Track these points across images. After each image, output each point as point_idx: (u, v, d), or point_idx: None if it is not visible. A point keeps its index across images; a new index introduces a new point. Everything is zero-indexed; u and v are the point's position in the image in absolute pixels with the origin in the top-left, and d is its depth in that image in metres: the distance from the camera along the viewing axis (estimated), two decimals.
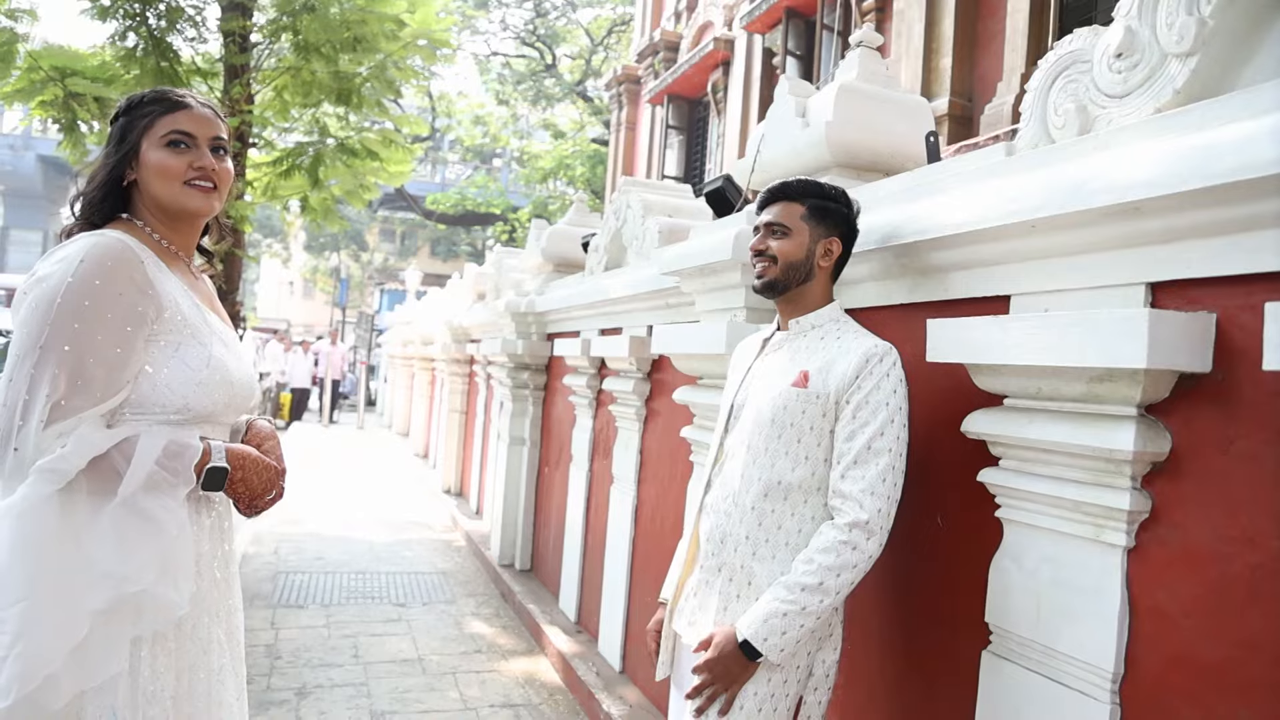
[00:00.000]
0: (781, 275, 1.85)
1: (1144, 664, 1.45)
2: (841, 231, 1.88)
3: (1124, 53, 1.59)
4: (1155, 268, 1.46)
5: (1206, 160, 1.30)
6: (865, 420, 1.71)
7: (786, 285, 1.86)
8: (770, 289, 1.87)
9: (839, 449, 1.74)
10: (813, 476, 1.77)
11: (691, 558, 1.96)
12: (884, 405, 1.71)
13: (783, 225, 1.86)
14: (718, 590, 1.82)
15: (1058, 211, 1.52)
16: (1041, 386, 1.59)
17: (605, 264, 4.43)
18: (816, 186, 1.88)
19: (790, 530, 1.77)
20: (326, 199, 8.38)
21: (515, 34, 27.07)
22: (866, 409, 1.72)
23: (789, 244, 1.85)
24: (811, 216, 1.86)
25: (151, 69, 7.30)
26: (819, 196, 1.87)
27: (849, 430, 1.73)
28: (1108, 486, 1.50)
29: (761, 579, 1.76)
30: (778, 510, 1.77)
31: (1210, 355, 1.39)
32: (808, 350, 1.83)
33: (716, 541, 1.85)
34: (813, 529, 1.76)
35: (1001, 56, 7.61)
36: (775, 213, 1.88)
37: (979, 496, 1.79)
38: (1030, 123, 1.81)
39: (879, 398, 1.72)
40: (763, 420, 1.80)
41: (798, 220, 1.85)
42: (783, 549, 1.76)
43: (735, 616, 1.76)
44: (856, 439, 1.71)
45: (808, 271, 1.86)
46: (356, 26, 7.62)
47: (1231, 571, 1.34)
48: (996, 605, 1.72)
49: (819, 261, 1.86)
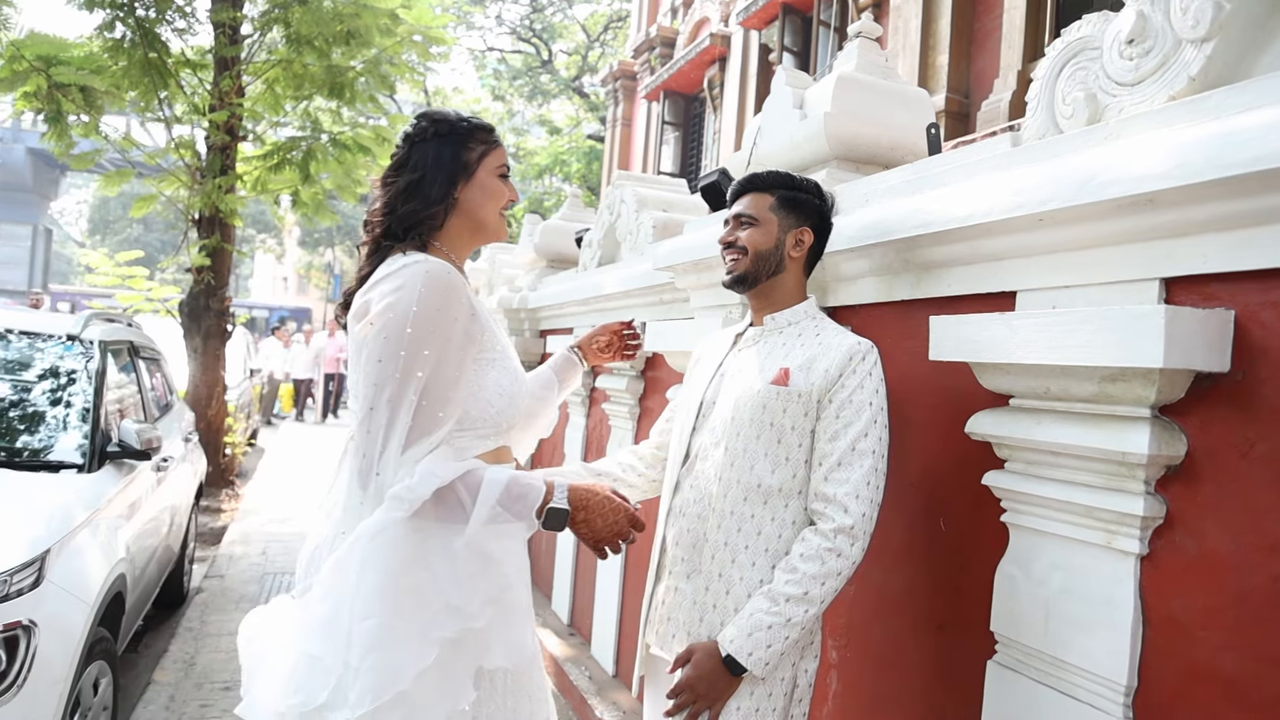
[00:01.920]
0: (751, 267, 1.79)
1: (1158, 678, 1.38)
2: (813, 222, 1.82)
3: (1136, 39, 1.53)
4: (1170, 263, 1.39)
5: (1224, 150, 1.23)
6: (849, 420, 1.64)
7: (757, 278, 1.80)
8: (740, 283, 1.81)
9: (821, 450, 1.66)
10: (794, 479, 1.69)
11: (657, 565, 1.86)
12: (867, 405, 1.65)
13: (751, 216, 1.80)
14: (691, 599, 1.73)
15: (1067, 204, 1.46)
16: (1050, 386, 1.53)
17: (599, 259, 4.36)
18: (786, 177, 1.83)
19: (770, 536, 1.69)
20: (317, 193, 8.30)
21: (511, 29, 26.95)
22: (850, 409, 1.65)
23: (758, 234, 1.79)
24: (781, 207, 1.80)
25: (139, 60, 7.21)
26: (788, 187, 1.81)
27: (832, 430, 1.65)
28: (1120, 491, 1.43)
29: (740, 588, 1.67)
30: (758, 515, 1.70)
31: (1229, 354, 1.32)
32: (785, 347, 1.76)
33: (688, 547, 1.76)
34: (793, 534, 1.68)
35: (998, 53, 7.56)
36: (744, 204, 1.83)
37: (984, 500, 1.72)
38: (1037, 112, 1.74)
39: (862, 397, 1.65)
40: (741, 420, 1.72)
41: (766, 211, 1.80)
42: (762, 555, 1.68)
43: (712, 628, 1.68)
44: (840, 440, 1.64)
45: (778, 263, 1.79)
46: (350, 20, 7.52)
47: (1251, 582, 1.27)
48: (1003, 614, 1.65)
49: (789, 252, 1.80)
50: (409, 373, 1.41)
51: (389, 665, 1.36)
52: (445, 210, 1.61)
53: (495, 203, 1.66)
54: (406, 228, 1.58)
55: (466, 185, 1.62)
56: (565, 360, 2.10)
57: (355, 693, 1.34)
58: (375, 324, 1.44)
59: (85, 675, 2.78)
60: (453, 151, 1.61)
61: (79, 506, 3.03)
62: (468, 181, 1.62)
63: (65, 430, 3.48)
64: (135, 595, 3.56)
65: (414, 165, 1.61)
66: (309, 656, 1.38)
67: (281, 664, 1.43)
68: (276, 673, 1.43)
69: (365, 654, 1.36)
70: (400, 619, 1.39)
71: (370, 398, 1.42)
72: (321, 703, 1.35)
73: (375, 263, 1.58)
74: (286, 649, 1.44)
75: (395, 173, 1.63)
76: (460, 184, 1.61)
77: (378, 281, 1.50)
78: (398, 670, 1.36)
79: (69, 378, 3.72)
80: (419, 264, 1.48)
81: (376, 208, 1.63)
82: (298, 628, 1.44)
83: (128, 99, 7.54)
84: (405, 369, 1.41)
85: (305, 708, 1.35)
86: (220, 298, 7.84)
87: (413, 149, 1.63)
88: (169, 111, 7.64)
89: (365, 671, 1.35)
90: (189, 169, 7.72)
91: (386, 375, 1.41)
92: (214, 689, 3.69)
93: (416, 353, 1.42)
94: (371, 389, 1.42)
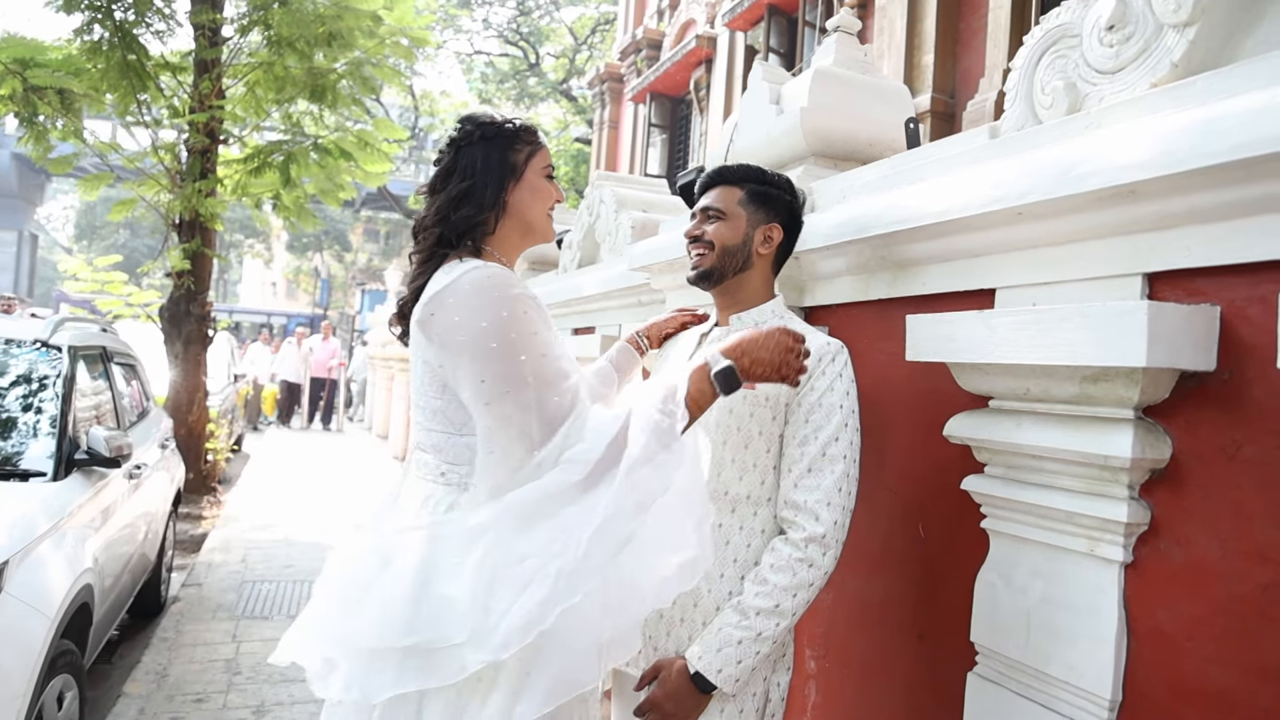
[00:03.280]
0: (717, 262, 1.72)
1: (1144, 691, 1.32)
2: (783, 219, 1.75)
3: (1116, 24, 1.47)
4: (1153, 257, 1.33)
5: (1209, 137, 1.17)
6: (819, 424, 1.57)
7: (723, 274, 1.73)
8: (705, 279, 1.74)
9: (790, 455, 1.60)
10: (762, 486, 1.62)
11: None
12: (838, 408, 1.58)
13: (718, 210, 1.73)
14: (657, 613, 1.65)
15: (1045, 197, 1.40)
16: (1030, 387, 1.47)
17: (579, 261, 4.30)
18: (757, 171, 1.76)
19: (739, 545, 1.62)
20: (299, 197, 8.20)
21: (499, 32, 26.89)
22: (820, 412, 1.58)
23: (725, 229, 1.71)
24: (750, 201, 1.73)
25: (117, 62, 7.11)
26: (758, 181, 1.74)
27: (801, 435, 1.59)
28: (1103, 496, 1.37)
29: (708, 600, 1.61)
30: (725, 524, 1.63)
31: (1215, 352, 1.26)
32: None
33: None
34: (762, 543, 1.61)
35: (984, 53, 7.54)
36: (712, 197, 1.76)
37: (965, 506, 1.66)
38: (1015, 103, 1.68)
39: (832, 400, 1.58)
40: (705, 425, 1.64)
41: (734, 205, 1.73)
42: (730, 566, 1.61)
43: (680, 642, 1.62)
44: (810, 444, 1.57)
45: (745, 259, 1.72)
46: (331, 22, 7.43)
47: (1240, 591, 1.21)
48: (983, 624, 1.59)
49: (758, 249, 1.73)
50: (523, 379, 1.39)
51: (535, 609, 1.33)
52: (497, 215, 1.58)
53: (544, 204, 1.64)
54: (460, 234, 1.56)
55: (516, 187, 1.60)
56: (624, 352, 2.04)
57: (500, 635, 1.31)
58: (468, 344, 1.40)
59: (49, 689, 2.70)
60: (500, 154, 1.59)
61: (42, 516, 2.94)
62: (517, 183, 1.60)
63: (33, 438, 3.39)
64: (105, 606, 3.47)
65: (463, 170, 1.57)
66: (442, 597, 1.34)
67: (382, 602, 1.38)
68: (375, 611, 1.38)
69: (516, 597, 1.33)
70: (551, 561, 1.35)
71: (498, 415, 1.39)
72: (459, 642, 1.32)
73: (429, 270, 1.54)
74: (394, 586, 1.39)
75: (444, 179, 1.60)
76: (510, 186, 1.59)
77: (443, 291, 1.44)
78: (544, 611, 1.32)
79: (37, 384, 3.63)
80: (480, 269, 1.45)
81: (427, 215, 1.60)
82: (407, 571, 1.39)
83: (106, 102, 7.44)
84: (518, 375, 1.39)
85: (434, 645, 1.33)
86: (201, 302, 7.74)
87: (459, 153, 1.59)
88: (148, 115, 7.54)
89: (512, 614, 1.32)
90: (169, 172, 7.62)
91: (503, 389, 1.38)
92: (185, 701, 3.60)
93: (529, 349, 1.40)
94: (501, 399, 1.39)
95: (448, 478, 1.49)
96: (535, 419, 1.39)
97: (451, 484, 1.49)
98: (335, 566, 1.53)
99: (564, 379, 1.43)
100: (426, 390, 1.51)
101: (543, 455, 1.39)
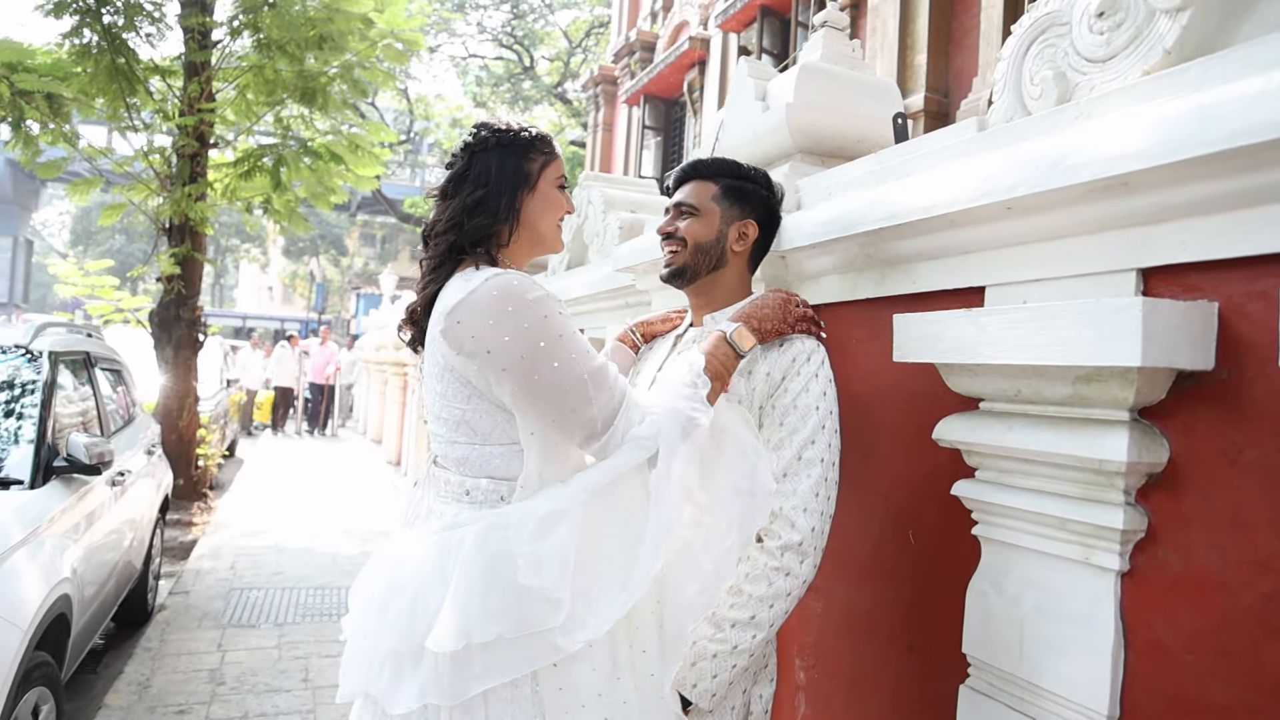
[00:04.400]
0: (690, 260, 1.66)
1: (1142, 705, 1.26)
2: (759, 215, 1.70)
3: (1106, 11, 1.41)
4: (1147, 251, 1.27)
5: (1205, 124, 1.12)
6: (794, 427, 1.52)
7: (696, 272, 1.67)
8: (678, 276, 1.68)
9: None
10: None
11: None
12: (813, 410, 1.52)
13: (692, 206, 1.68)
14: None
15: (1035, 190, 1.34)
16: (1021, 388, 1.41)
17: (568, 262, 4.24)
18: (732, 165, 1.70)
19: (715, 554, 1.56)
20: (290, 201, 8.14)
21: (493, 36, 26.86)
22: (794, 414, 1.52)
23: (698, 225, 1.66)
24: (725, 197, 1.67)
25: (106, 66, 7.05)
26: (734, 176, 1.69)
27: (776, 439, 1.53)
28: (1098, 501, 1.31)
29: None
30: None
31: (1213, 350, 1.20)
32: None
33: None
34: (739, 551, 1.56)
35: (976, 52, 7.50)
36: (685, 192, 1.70)
37: (956, 511, 1.60)
38: (1004, 94, 1.62)
39: (808, 401, 1.53)
40: None
41: (708, 201, 1.67)
42: None
43: None
44: (785, 449, 1.51)
45: (719, 256, 1.67)
46: (322, 24, 7.37)
47: (1242, 601, 1.15)
48: (974, 634, 1.53)
49: (732, 246, 1.67)
50: (582, 364, 1.40)
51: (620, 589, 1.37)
52: (511, 226, 1.56)
53: (555, 214, 1.61)
54: (474, 242, 1.53)
55: (529, 197, 1.57)
56: (618, 350, 1.99)
57: (595, 618, 1.34)
58: (513, 341, 1.39)
59: (22, 703, 2.64)
60: (515, 162, 1.56)
61: (16, 525, 2.89)
62: (530, 193, 1.57)
63: (11, 445, 3.33)
64: (86, 616, 3.41)
65: (476, 177, 1.55)
66: (520, 587, 1.33)
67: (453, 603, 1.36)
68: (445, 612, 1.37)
69: (609, 580, 1.37)
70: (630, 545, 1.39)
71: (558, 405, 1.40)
72: (553, 626, 1.33)
73: (442, 277, 1.51)
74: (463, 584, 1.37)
75: (457, 184, 1.56)
76: (523, 196, 1.56)
77: (468, 299, 1.41)
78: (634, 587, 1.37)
79: (16, 390, 3.57)
80: (503, 275, 1.42)
81: (439, 220, 1.56)
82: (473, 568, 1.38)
83: (96, 106, 7.38)
84: (577, 364, 1.40)
85: (521, 632, 1.34)
86: (191, 307, 7.67)
87: (473, 159, 1.56)
88: (138, 119, 7.48)
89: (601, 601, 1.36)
90: (159, 176, 7.56)
91: (569, 374, 1.39)
92: (167, 713, 3.53)
93: (575, 345, 1.41)
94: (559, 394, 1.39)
95: (473, 496, 1.45)
96: (595, 408, 1.40)
97: (477, 503, 1.45)
98: (376, 579, 1.49)
99: (606, 368, 1.44)
100: (451, 400, 1.46)
101: (605, 439, 1.41)
